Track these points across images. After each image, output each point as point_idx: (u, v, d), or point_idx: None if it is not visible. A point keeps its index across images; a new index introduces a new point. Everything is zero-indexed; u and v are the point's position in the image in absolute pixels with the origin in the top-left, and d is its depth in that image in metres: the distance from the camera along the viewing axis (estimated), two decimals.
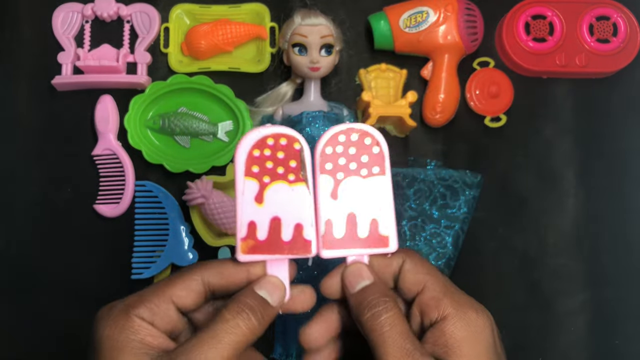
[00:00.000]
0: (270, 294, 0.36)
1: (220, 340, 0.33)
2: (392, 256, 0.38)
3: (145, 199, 0.62)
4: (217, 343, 0.33)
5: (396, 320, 0.35)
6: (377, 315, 0.35)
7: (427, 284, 0.37)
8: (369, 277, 0.37)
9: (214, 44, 0.65)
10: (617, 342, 0.63)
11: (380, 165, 0.37)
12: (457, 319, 0.35)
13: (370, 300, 0.35)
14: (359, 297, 0.36)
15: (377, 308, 0.35)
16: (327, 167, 0.37)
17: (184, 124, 0.63)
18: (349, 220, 0.37)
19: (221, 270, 0.36)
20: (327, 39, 0.61)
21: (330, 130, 0.37)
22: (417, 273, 0.37)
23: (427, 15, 0.64)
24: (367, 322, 0.35)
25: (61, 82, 0.64)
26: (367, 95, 0.62)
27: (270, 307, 0.36)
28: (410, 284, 0.37)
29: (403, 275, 0.37)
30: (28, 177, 0.64)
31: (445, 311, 0.35)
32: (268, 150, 0.36)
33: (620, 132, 0.66)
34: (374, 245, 0.37)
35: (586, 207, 0.65)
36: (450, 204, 0.62)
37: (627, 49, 0.66)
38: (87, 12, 0.66)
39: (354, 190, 0.37)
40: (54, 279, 0.62)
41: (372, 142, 0.37)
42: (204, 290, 0.36)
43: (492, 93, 0.65)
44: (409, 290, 0.37)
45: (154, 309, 0.35)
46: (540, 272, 0.64)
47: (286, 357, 0.60)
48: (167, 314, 0.35)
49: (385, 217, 0.37)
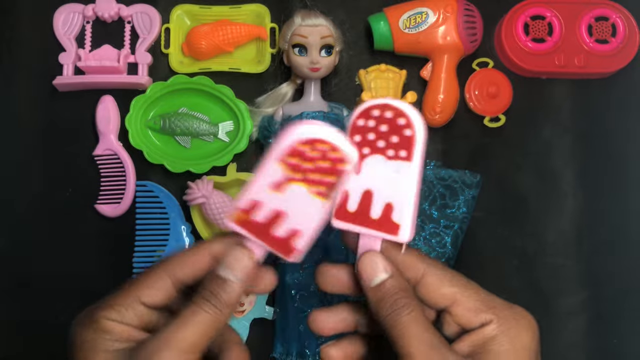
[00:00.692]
0: (231, 269, 0.35)
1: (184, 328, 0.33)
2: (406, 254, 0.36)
3: (146, 199, 0.62)
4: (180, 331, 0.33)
5: (419, 316, 0.34)
6: (399, 313, 0.34)
7: (457, 297, 0.35)
8: (387, 269, 0.35)
9: (215, 44, 0.65)
10: (615, 341, 0.63)
11: (408, 150, 0.35)
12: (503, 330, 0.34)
13: (391, 296, 0.34)
14: (378, 292, 0.35)
15: (398, 305, 0.34)
16: (355, 139, 0.35)
17: (185, 124, 0.63)
18: (364, 196, 0.35)
19: (183, 260, 0.36)
20: (327, 40, 0.61)
21: (367, 103, 0.35)
22: (443, 287, 0.35)
23: (427, 16, 0.64)
24: (388, 319, 0.34)
25: (62, 82, 0.64)
26: (366, 96, 0.62)
27: (232, 284, 0.34)
28: (436, 298, 0.35)
29: (426, 288, 0.35)
30: (29, 177, 0.64)
31: (486, 319, 0.34)
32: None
33: (619, 132, 0.66)
34: (384, 230, 0.35)
35: (585, 206, 0.65)
36: (449, 203, 0.63)
37: (625, 50, 0.66)
38: (88, 12, 0.66)
39: (376, 168, 0.35)
40: (54, 278, 0.62)
41: (406, 123, 0.34)
42: (171, 284, 0.36)
43: (491, 93, 0.65)
44: (435, 303, 0.36)
45: (121, 310, 0.35)
46: (539, 271, 0.64)
47: (286, 356, 0.60)
48: (135, 312, 0.35)
49: (401, 204, 0.35)
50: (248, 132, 0.63)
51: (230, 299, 0.34)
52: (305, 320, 0.59)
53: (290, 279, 0.60)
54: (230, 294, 0.34)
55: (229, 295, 0.34)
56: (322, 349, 0.37)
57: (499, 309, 0.35)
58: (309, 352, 0.59)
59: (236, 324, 0.61)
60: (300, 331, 0.59)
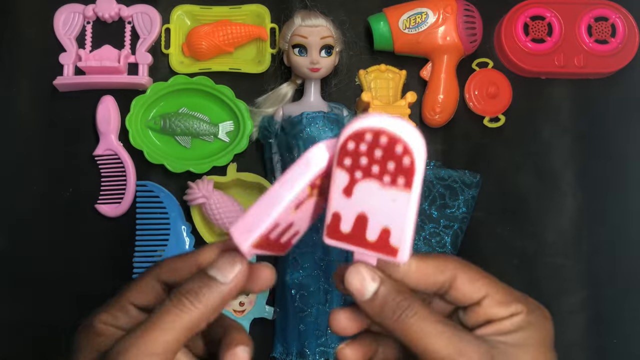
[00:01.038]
0: (221, 270, 0.33)
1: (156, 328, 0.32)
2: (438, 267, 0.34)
3: (147, 199, 0.62)
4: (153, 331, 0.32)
5: (426, 313, 0.33)
6: (405, 317, 0.32)
7: (489, 291, 0.34)
8: (375, 278, 0.33)
9: (215, 44, 0.65)
10: (615, 341, 0.63)
11: (406, 178, 0.31)
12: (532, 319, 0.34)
13: (389, 303, 0.33)
14: (375, 304, 0.33)
15: (401, 309, 0.33)
16: (346, 163, 0.32)
17: (185, 124, 0.63)
18: (358, 220, 0.33)
19: (171, 266, 0.35)
20: (327, 40, 0.61)
21: (356, 124, 0.31)
22: (476, 282, 0.34)
23: (427, 16, 0.64)
24: (395, 326, 0.33)
25: (63, 82, 0.65)
26: (366, 96, 0.62)
27: (220, 285, 0.32)
28: (471, 294, 0.34)
29: (459, 286, 0.34)
30: (29, 177, 0.64)
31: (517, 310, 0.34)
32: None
33: (618, 132, 0.66)
34: (382, 251, 0.33)
35: (585, 206, 0.65)
36: (449, 203, 0.63)
37: (625, 50, 0.66)
38: (89, 13, 0.66)
39: (371, 194, 0.32)
40: (55, 278, 0.63)
41: (403, 150, 0.31)
42: (160, 288, 0.35)
43: (491, 93, 0.65)
44: (470, 299, 0.34)
45: (114, 313, 0.35)
46: (539, 271, 0.64)
47: (286, 356, 0.60)
48: (128, 315, 0.35)
49: (400, 230, 0.33)
50: (248, 132, 0.63)
51: (214, 300, 0.32)
52: (305, 319, 0.59)
53: (290, 279, 0.60)
54: (215, 295, 0.32)
55: (213, 296, 0.32)
56: (338, 349, 0.36)
57: (526, 301, 0.35)
58: (309, 352, 0.59)
59: None
60: (300, 331, 0.59)
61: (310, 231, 0.62)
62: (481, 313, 0.34)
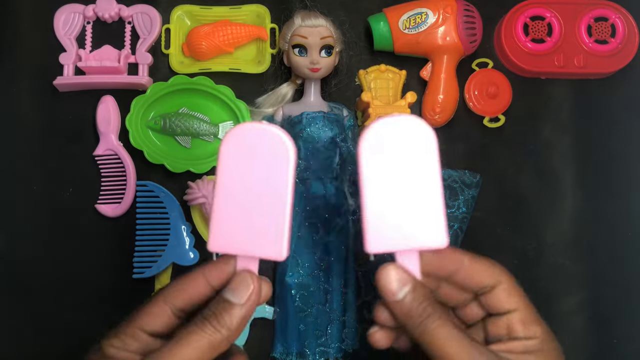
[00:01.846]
0: (235, 293, 0.35)
1: (182, 347, 0.33)
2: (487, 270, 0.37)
3: (147, 198, 0.62)
4: (179, 351, 0.33)
5: (448, 321, 0.35)
6: (429, 321, 0.35)
7: (520, 307, 0.37)
8: (407, 282, 0.35)
9: (215, 45, 0.65)
10: (615, 341, 0.63)
11: None
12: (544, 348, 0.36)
13: (417, 307, 0.35)
14: (404, 306, 0.35)
15: (426, 314, 0.35)
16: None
17: (185, 124, 0.63)
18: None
19: (180, 288, 0.36)
20: (327, 40, 0.61)
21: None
22: (513, 295, 0.37)
23: (427, 16, 0.64)
24: (419, 329, 0.35)
25: (63, 82, 0.65)
26: (366, 96, 0.62)
27: (236, 307, 0.35)
28: (502, 302, 0.37)
29: (497, 293, 0.37)
30: (29, 177, 0.64)
31: (535, 334, 0.36)
32: None
33: (618, 133, 0.66)
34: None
35: (584, 206, 0.65)
36: (449, 203, 0.63)
37: (625, 50, 0.66)
38: (89, 13, 0.66)
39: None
40: (55, 278, 0.62)
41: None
42: (170, 312, 0.36)
43: (491, 94, 0.65)
44: (499, 308, 0.37)
45: (124, 338, 0.36)
46: (539, 271, 0.64)
47: (286, 355, 0.60)
48: (138, 340, 0.36)
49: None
50: None
51: (233, 323, 0.34)
52: (305, 319, 0.59)
53: (290, 279, 0.60)
54: (234, 317, 0.34)
55: (232, 319, 0.34)
56: (369, 333, 0.38)
57: (545, 329, 0.37)
58: (309, 351, 0.59)
59: None
60: (300, 331, 0.59)
61: (310, 231, 0.63)
62: (503, 325, 0.37)
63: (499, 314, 0.37)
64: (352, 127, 0.63)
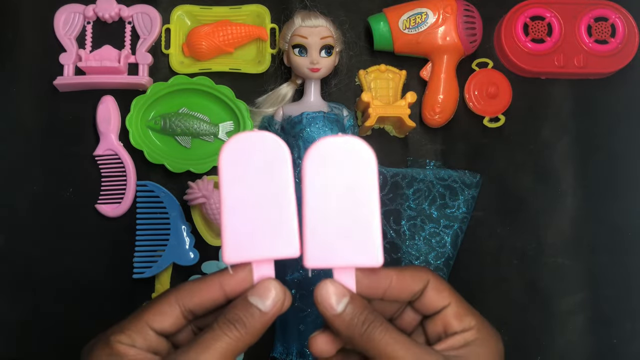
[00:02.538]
0: (262, 299, 0.36)
1: (205, 350, 0.34)
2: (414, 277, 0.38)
3: (147, 198, 0.62)
4: (202, 353, 0.34)
5: (390, 326, 0.36)
6: (373, 329, 0.35)
7: (452, 301, 0.38)
8: (345, 294, 0.36)
9: (215, 45, 0.65)
10: (615, 341, 0.63)
11: None
12: (480, 336, 0.37)
13: (359, 317, 0.36)
14: (344, 318, 0.36)
15: (369, 322, 0.36)
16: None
17: (185, 124, 0.63)
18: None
19: (194, 290, 0.37)
20: (327, 40, 0.61)
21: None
22: (442, 291, 0.38)
23: (427, 16, 0.64)
24: (364, 337, 0.35)
25: (63, 82, 0.65)
26: (366, 96, 0.62)
27: (262, 313, 0.36)
28: (435, 301, 0.38)
29: (427, 294, 0.38)
30: (30, 177, 0.64)
31: (469, 325, 0.37)
32: None
33: (618, 133, 0.66)
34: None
35: (584, 206, 0.65)
36: (449, 203, 0.63)
37: (625, 50, 0.66)
38: (89, 13, 0.66)
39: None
40: (55, 278, 0.62)
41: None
42: (180, 312, 0.37)
43: (491, 94, 0.65)
44: (433, 307, 0.38)
45: (132, 335, 0.36)
46: (539, 271, 0.64)
47: (286, 355, 0.60)
48: (145, 337, 0.36)
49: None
50: None
51: (256, 327, 0.35)
52: (305, 319, 0.59)
53: (290, 279, 0.60)
54: (257, 322, 0.35)
55: (256, 322, 0.35)
56: (310, 338, 0.38)
57: (479, 319, 0.38)
58: (309, 351, 0.59)
59: None
60: (300, 331, 0.59)
61: None
62: (439, 323, 0.38)
63: (433, 314, 0.38)
64: (352, 127, 0.63)
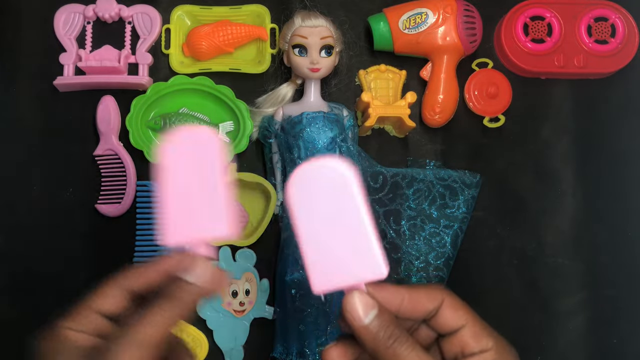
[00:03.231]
0: (188, 273, 0.37)
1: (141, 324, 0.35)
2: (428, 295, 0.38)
3: (147, 198, 0.62)
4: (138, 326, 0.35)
5: (414, 343, 0.36)
6: (398, 344, 0.35)
7: (468, 320, 0.37)
8: (373, 306, 0.36)
9: (215, 45, 0.65)
10: (615, 341, 0.63)
11: None
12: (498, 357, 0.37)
13: (385, 331, 0.36)
14: (371, 330, 0.36)
15: (394, 337, 0.36)
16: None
17: (185, 124, 0.63)
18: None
19: (139, 272, 0.38)
20: (327, 40, 0.61)
21: None
22: (458, 310, 0.38)
23: (427, 16, 0.64)
24: (389, 352, 0.35)
25: (63, 82, 0.65)
26: (366, 96, 0.62)
27: (190, 286, 0.37)
28: (450, 320, 0.38)
29: (443, 313, 0.38)
30: (30, 177, 0.64)
31: (487, 346, 0.37)
32: None
33: (618, 133, 0.66)
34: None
35: (585, 206, 0.65)
36: (449, 203, 0.63)
37: (625, 50, 0.66)
38: (89, 13, 0.66)
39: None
40: (55, 278, 0.62)
41: None
42: (124, 294, 0.38)
43: (491, 94, 0.65)
44: (449, 326, 0.38)
45: (78, 319, 0.37)
46: (539, 271, 0.64)
47: (286, 355, 0.60)
48: (91, 320, 0.37)
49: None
50: (248, 132, 0.63)
51: (185, 299, 0.36)
52: (305, 319, 0.59)
53: (290, 279, 0.60)
54: (186, 294, 0.36)
55: (184, 295, 0.36)
56: (324, 350, 0.38)
57: (497, 339, 0.38)
58: (308, 351, 0.59)
59: (236, 324, 0.61)
60: (300, 331, 0.59)
61: None
62: (456, 343, 0.37)
63: (450, 333, 0.38)
64: (352, 127, 0.63)
